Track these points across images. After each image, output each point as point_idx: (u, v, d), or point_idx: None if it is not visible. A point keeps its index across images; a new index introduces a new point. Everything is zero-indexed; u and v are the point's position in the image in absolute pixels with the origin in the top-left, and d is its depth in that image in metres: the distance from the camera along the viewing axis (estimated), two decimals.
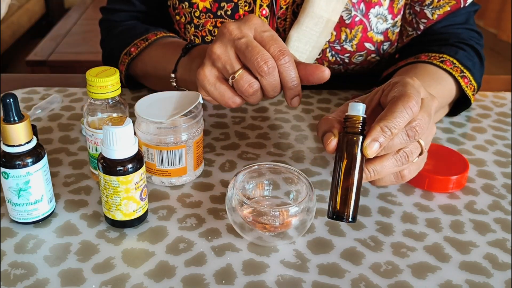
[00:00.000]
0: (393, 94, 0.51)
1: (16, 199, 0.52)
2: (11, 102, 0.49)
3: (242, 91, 0.58)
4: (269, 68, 0.56)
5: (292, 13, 0.79)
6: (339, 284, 0.48)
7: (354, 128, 0.50)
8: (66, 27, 2.49)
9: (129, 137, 0.50)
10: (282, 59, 0.57)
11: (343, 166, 0.49)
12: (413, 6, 0.79)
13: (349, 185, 0.49)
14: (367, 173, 0.51)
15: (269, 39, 0.58)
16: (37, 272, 0.49)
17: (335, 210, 0.49)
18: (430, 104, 0.52)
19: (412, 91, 0.50)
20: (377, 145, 0.49)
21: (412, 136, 0.50)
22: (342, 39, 0.79)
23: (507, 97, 0.86)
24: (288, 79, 0.57)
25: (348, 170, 0.49)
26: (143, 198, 0.54)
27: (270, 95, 0.59)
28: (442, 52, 0.75)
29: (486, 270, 0.50)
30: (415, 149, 0.52)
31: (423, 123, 0.50)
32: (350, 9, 0.77)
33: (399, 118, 0.48)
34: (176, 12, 0.81)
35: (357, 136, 0.49)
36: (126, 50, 0.78)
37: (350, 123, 0.50)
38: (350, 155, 0.49)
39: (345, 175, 0.49)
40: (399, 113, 0.49)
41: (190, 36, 0.81)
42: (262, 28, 0.59)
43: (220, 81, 0.59)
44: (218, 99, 0.60)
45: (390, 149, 0.50)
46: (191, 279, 0.48)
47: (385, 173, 0.52)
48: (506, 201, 0.60)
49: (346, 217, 0.49)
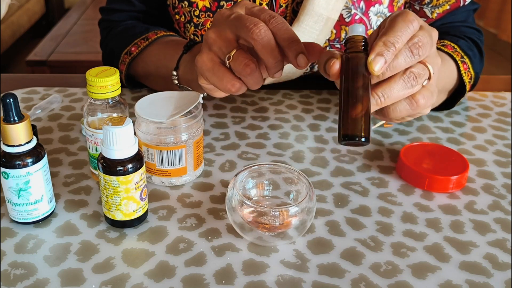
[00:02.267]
0: (390, 17, 0.51)
1: (16, 199, 0.53)
2: (11, 102, 0.49)
3: (239, 71, 0.54)
4: (260, 30, 0.52)
5: (292, 12, 0.79)
6: (339, 284, 0.48)
7: (357, 47, 0.48)
8: (66, 27, 2.49)
9: (129, 137, 0.50)
10: (272, 20, 0.54)
11: (350, 86, 0.47)
12: (413, 4, 0.79)
13: (357, 104, 0.46)
14: (376, 97, 0.49)
15: (258, 10, 0.56)
16: (37, 272, 0.49)
17: (347, 131, 0.46)
18: (429, 28, 0.52)
19: (409, 12, 0.50)
20: (382, 60, 0.47)
21: (416, 52, 0.49)
22: (342, 37, 0.79)
23: (507, 97, 0.86)
24: (284, 36, 0.54)
25: (355, 89, 0.47)
26: (143, 198, 0.54)
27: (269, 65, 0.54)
28: (444, 39, 0.75)
29: (486, 270, 0.50)
30: (422, 71, 0.51)
31: (424, 39, 0.49)
32: (350, 7, 0.77)
33: (400, 31, 0.48)
34: (176, 12, 0.81)
35: (360, 54, 0.48)
36: (127, 50, 0.78)
37: (351, 44, 0.49)
38: (355, 74, 0.47)
39: (353, 95, 0.46)
40: (400, 27, 0.48)
41: (190, 35, 0.81)
42: (252, 5, 0.57)
43: (218, 65, 0.56)
44: (217, 83, 0.57)
45: (395, 68, 0.49)
46: (191, 279, 0.48)
47: (395, 96, 0.50)
48: (506, 201, 0.60)
49: (359, 136, 0.45)
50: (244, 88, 0.56)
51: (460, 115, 0.80)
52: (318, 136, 0.73)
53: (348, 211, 0.58)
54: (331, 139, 0.72)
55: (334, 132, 0.74)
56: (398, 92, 0.50)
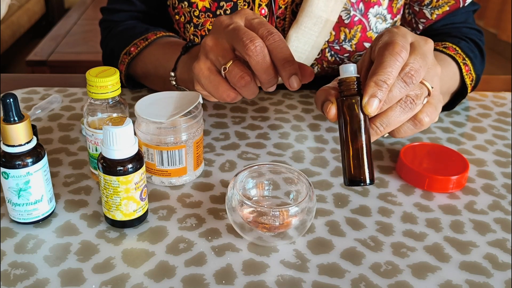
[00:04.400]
0: (378, 46, 0.50)
1: (16, 199, 0.52)
2: (11, 102, 0.49)
3: (234, 82, 0.55)
4: (256, 46, 0.53)
5: (291, 13, 0.79)
6: (339, 284, 0.48)
7: (350, 90, 0.48)
8: (66, 27, 2.49)
9: (129, 137, 0.50)
10: (270, 37, 0.54)
11: (348, 130, 0.48)
12: (412, 6, 0.79)
13: (358, 148, 0.47)
14: (375, 129, 0.49)
15: (258, 23, 0.56)
16: (37, 272, 0.49)
17: (351, 175, 0.47)
18: (421, 44, 0.51)
19: (397, 38, 0.49)
20: (377, 101, 0.47)
21: (409, 82, 0.48)
22: (341, 39, 0.79)
23: (507, 97, 0.86)
24: (279, 56, 0.54)
25: (354, 133, 0.47)
26: (143, 198, 0.54)
27: (263, 81, 0.55)
28: (445, 41, 0.75)
29: (486, 270, 0.50)
30: (420, 90, 0.50)
31: (417, 66, 0.48)
32: (349, 9, 0.77)
33: (389, 67, 0.47)
34: (176, 12, 0.81)
35: (354, 97, 0.48)
36: (126, 50, 0.78)
37: (344, 86, 0.48)
38: (352, 117, 0.48)
39: (352, 139, 0.47)
40: (388, 62, 0.47)
41: (190, 35, 0.81)
42: (253, 16, 0.57)
43: (214, 73, 0.57)
44: (213, 92, 0.58)
45: (391, 101, 0.48)
46: (191, 279, 0.48)
47: (394, 123, 0.50)
48: (506, 201, 0.60)
49: (363, 180, 0.47)
50: (239, 97, 0.57)
51: (460, 115, 0.80)
52: (318, 136, 0.73)
53: (348, 211, 0.58)
54: (331, 139, 0.72)
55: (334, 132, 0.74)
56: (397, 119, 0.50)
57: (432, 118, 0.52)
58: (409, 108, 0.49)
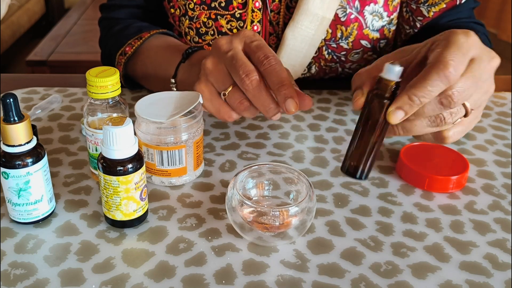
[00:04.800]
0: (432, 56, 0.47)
1: (16, 199, 0.52)
2: (11, 102, 0.49)
3: (234, 107, 0.58)
4: (252, 81, 0.55)
5: (286, 7, 0.79)
6: (339, 284, 0.48)
7: (384, 92, 0.48)
8: (66, 27, 2.49)
9: (129, 137, 0.50)
10: (265, 62, 0.55)
11: (366, 127, 0.48)
12: (409, 3, 0.79)
13: (366, 145, 0.48)
14: (395, 129, 0.49)
15: (256, 47, 0.57)
16: (37, 272, 0.49)
17: (349, 166, 0.49)
18: (483, 62, 0.48)
19: (453, 56, 0.45)
20: (402, 114, 0.46)
21: (446, 104, 0.46)
22: (338, 37, 0.79)
23: (507, 97, 0.86)
24: (274, 80, 0.55)
25: (368, 131, 0.48)
26: (143, 198, 0.54)
27: (262, 111, 0.57)
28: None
29: (486, 270, 0.50)
30: (456, 110, 0.48)
31: (463, 89, 0.46)
32: (345, 6, 0.77)
33: (430, 87, 0.45)
34: (171, 5, 0.81)
35: (384, 101, 0.47)
36: (121, 51, 0.78)
37: (381, 87, 0.48)
38: (374, 117, 0.48)
39: (365, 135, 0.48)
40: (431, 81, 0.45)
41: (185, 28, 0.81)
42: (252, 39, 0.58)
43: (215, 96, 0.60)
44: (214, 113, 0.61)
45: (421, 116, 0.47)
46: (191, 279, 0.48)
47: (416, 132, 0.49)
48: (506, 201, 0.60)
49: (359, 175, 0.49)
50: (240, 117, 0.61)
51: None
52: (318, 136, 0.73)
53: (348, 211, 0.58)
54: (331, 139, 0.72)
55: (334, 132, 0.74)
56: (420, 129, 0.48)
57: (457, 137, 0.50)
58: (436, 124, 0.48)
